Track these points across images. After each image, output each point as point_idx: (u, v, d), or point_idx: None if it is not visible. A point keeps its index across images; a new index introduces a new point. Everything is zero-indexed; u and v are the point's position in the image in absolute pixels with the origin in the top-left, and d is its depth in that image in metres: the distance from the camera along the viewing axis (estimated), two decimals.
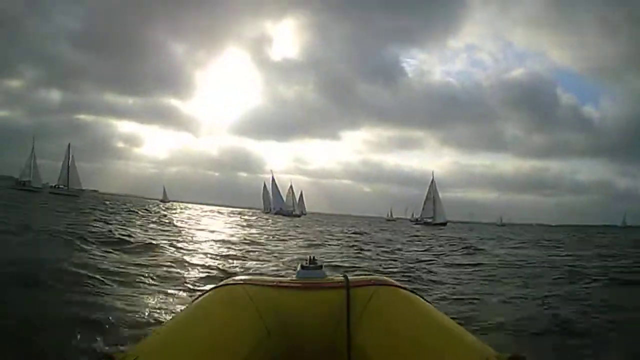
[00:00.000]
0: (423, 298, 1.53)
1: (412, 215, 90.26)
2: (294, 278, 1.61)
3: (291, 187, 76.21)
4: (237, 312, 1.38)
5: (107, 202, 35.80)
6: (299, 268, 1.65)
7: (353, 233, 22.52)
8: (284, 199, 73.15)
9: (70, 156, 54.46)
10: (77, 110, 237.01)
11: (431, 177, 65.83)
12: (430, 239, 20.90)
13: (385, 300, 1.44)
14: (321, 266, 1.64)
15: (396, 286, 1.54)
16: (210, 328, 1.30)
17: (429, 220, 60.31)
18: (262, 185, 78.67)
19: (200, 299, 1.51)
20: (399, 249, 13.44)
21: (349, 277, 1.53)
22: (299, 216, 64.55)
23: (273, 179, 75.89)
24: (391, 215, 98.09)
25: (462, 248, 14.34)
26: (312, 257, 1.70)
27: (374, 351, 1.31)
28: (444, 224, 58.78)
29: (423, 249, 14.21)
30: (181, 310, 1.59)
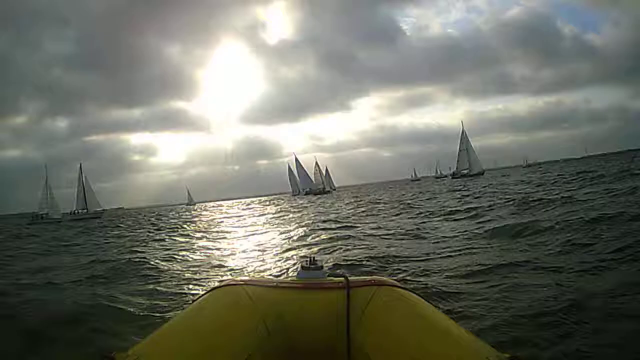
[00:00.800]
0: (423, 298, 1.51)
1: (436, 171, 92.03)
2: (294, 278, 1.62)
3: (317, 163, 71.89)
4: (237, 313, 1.38)
5: (120, 220, 32.82)
6: (299, 268, 1.64)
7: (401, 204, 18.83)
8: (312, 178, 69.84)
9: (84, 177, 52.01)
10: (86, 133, 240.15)
11: (460, 128, 61.54)
12: (481, 194, 16.51)
13: (386, 301, 1.42)
14: (321, 267, 1.62)
15: (396, 286, 1.51)
16: (211, 328, 1.30)
17: (465, 172, 56.80)
18: (285, 168, 75.97)
19: (200, 299, 1.51)
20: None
21: (349, 278, 1.51)
22: (330, 192, 61.20)
23: (297, 160, 72.68)
24: (415, 175, 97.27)
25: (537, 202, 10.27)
26: (312, 258, 1.67)
27: (373, 351, 1.29)
28: (482, 173, 55.36)
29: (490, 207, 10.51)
30: (182, 310, 1.60)
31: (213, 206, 64.69)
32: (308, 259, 1.67)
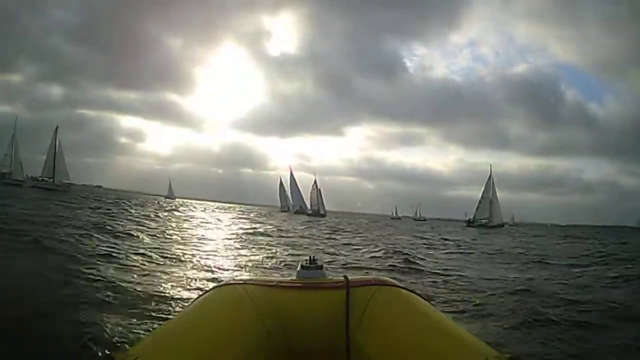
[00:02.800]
0: (423, 298, 1.51)
1: (416, 213, 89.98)
2: (294, 278, 1.59)
3: (315, 183, 65.05)
4: (237, 312, 1.37)
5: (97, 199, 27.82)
6: (299, 268, 1.62)
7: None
8: (307, 197, 64.17)
9: (57, 142, 45.21)
10: (79, 105, 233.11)
11: (488, 174, 54.73)
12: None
13: (386, 300, 1.42)
14: (321, 266, 1.61)
15: (396, 286, 1.51)
16: (211, 328, 1.29)
17: (484, 222, 50.90)
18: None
19: (200, 299, 1.51)
20: None
21: (350, 277, 1.51)
22: (324, 216, 55.82)
23: (292, 175, 67.71)
24: (396, 213, 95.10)
25: None
26: (312, 257, 1.66)
27: (373, 351, 1.28)
28: (501, 225, 49.80)
29: None
30: (181, 310, 1.64)
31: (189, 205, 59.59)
32: (308, 258, 1.64)
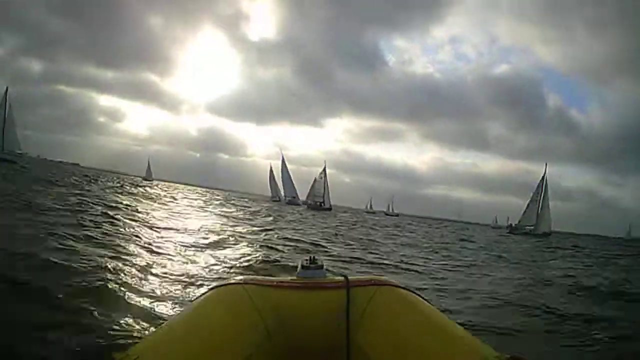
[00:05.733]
0: (423, 298, 1.49)
1: (388, 207, 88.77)
2: (294, 278, 1.57)
3: (324, 169, 54.18)
4: (237, 312, 1.36)
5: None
6: (299, 268, 1.59)
7: None
8: (310, 186, 54.30)
9: (7, 105, 36.39)
10: (58, 81, 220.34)
11: (542, 173, 45.49)
12: None
13: (386, 300, 1.41)
14: (322, 266, 1.58)
15: (397, 286, 1.50)
16: (211, 328, 1.28)
17: (528, 230, 43.03)
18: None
19: (200, 299, 1.49)
20: None
21: (350, 277, 1.49)
22: (329, 209, 47.81)
23: (283, 162, 58.63)
24: (371, 207, 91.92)
25: None
26: (312, 257, 1.63)
27: (374, 351, 1.29)
28: (548, 234, 41.43)
29: None
30: (181, 310, 1.56)
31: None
32: (308, 258, 1.62)
